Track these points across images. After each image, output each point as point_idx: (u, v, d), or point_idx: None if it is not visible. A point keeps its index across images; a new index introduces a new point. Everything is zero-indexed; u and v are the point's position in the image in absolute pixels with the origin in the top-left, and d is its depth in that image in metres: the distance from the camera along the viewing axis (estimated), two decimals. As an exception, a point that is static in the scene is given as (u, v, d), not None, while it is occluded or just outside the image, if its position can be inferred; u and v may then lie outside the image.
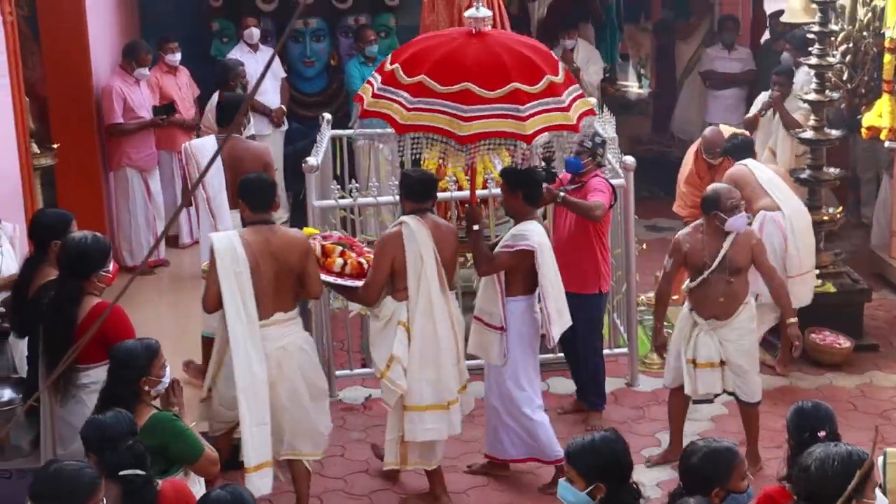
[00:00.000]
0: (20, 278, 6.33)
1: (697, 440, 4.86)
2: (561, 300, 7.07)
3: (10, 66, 7.65)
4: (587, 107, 6.86)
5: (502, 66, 6.42)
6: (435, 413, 6.78)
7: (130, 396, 5.21)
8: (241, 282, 6.26)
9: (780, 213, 8.26)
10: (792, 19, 9.94)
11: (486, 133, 6.36)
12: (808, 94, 8.85)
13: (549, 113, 6.47)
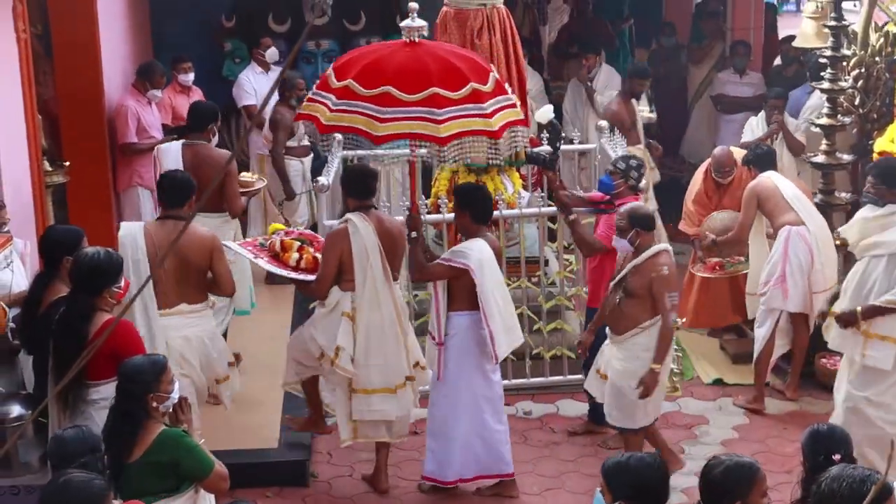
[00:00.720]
0: (31, 295, 6.32)
1: (720, 454, 4.82)
2: (510, 319, 7.14)
3: (23, 83, 7.67)
4: (516, 116, 7.07)
5: (425, 71, 6.77)
6: (382, 395, 7.08)
7: (139, 412, 5.21)
8: (138, 268, 6.65)
9: (805, 228, 8.19)
10: (804, 44, 9.95)
11: (399, 134, 6.75)
12: (820, 119, 8.83)
13: (467, 118, 6.78)
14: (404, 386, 7.13)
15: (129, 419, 5.21)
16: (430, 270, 7.10)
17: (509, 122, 6.99)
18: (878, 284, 7.04)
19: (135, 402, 5.22)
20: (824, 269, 8.22)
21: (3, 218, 6.75)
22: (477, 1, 8.39)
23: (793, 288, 8.19)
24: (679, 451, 7.77)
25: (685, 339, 9.46)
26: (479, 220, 7.16)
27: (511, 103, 7.09)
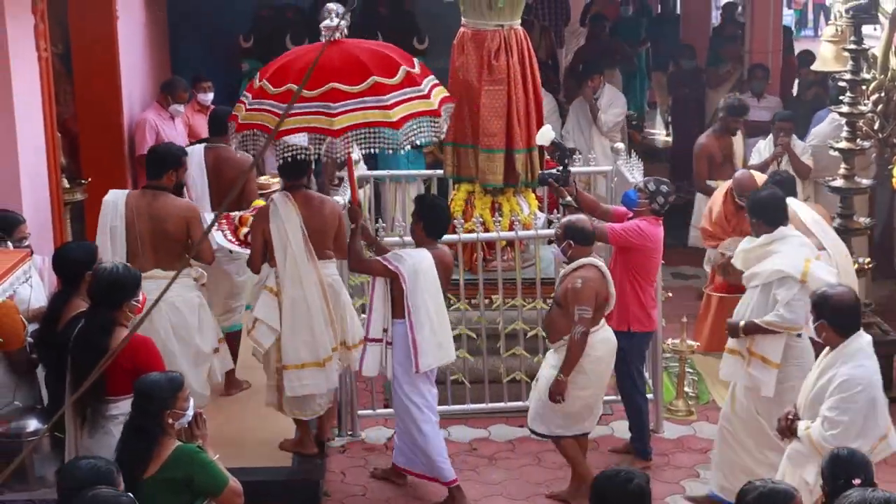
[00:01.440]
0: (50, 311, 6.36)
1: (756, 481, 4.78)
2: (443, 334, 7.23)
3: (44, 102, 7.72)
4: (425, 107, 7.14)
5: (361, 63, 6.94)
6: (311, 370, 7.30)
7: (155, 429, 5.22)
8: (114, 234, 7.20)
9: (826, 254, 8.13)
10: (823, 68, 9.94)
11: (356, 125, 6.82)
12: (839, 143, 8.82)
13: (411, 101, 6.98)
14: (331, 359, 7.35)
15: (144, 435, 5.22)
16: (365, 264, 7.29)
17: (415, 113, 7.04)
18: (755, 313, 6.98)
19: (150, 419, 5.23)
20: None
21: (23, 232, 6.79)
22: (494, 22, 8.42)
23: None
24: (694, 476, 7.75)
25: (701, 363, 9.44)
26: (431, 233, 7.33)
27: (420, 94, 7.10)
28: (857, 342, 5.92)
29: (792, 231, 7.19)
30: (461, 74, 8.57)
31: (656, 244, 7.74)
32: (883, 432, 5.84)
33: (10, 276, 5.61)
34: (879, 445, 5.84)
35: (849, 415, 5.74)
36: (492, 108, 8.46)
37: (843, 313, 5.95)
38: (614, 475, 4.76)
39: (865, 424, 5.74)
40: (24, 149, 7.28)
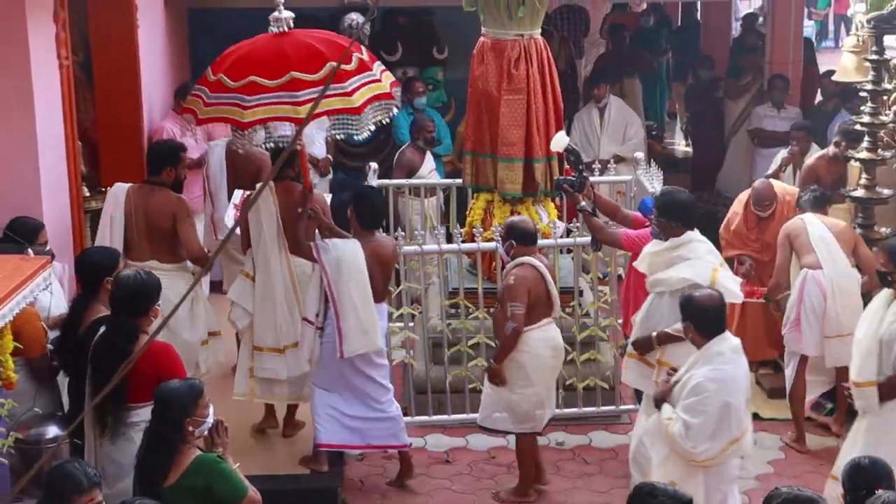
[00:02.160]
0: (70, 316, 6.38)
1: (782, 487, 4.75)
2: (368, 322, 7.30)
3: (65, 110, 7.75)
4: (380, 90, 7.45)
5: (285, 58, 7.20)
6: (272, 355, 7.62)
7: (175, 437, 5.22)
8: (113, 224, 7.53)
9: (821, 272, 8.14)
10: (844, 78, 9.89)
11: (264, 118, 7.25)
12: (860, 153, 8.78)
13: (328, 98, 7.09)
14: (294, 347, 7.59)
15: (164, 443, 5.22)
16: (302, 247, 7.48)
17: (373, 97, 7.38)
18: (665, 321, 6.89)
19: (171, 427, 5.23)
20: (839, 315, 8.06)
21: (43, 237, 6.81)
22: (514, 32, 8.43)
23: (807, 331, 8.15)
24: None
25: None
26: (365, 224, 7.49)
27: (375, 79, 7.40)
28: (718, 346, 6.04)
29: (698, 236, 7.12)
30: (481, 84, 8.58)
31: None
32: (736, 435, 5.97)
33: (30, 283, 5.61)
34: (731, 447, 6.00)
35: (700, 418, 5.90)
36: (511, 117, 8.46)
37: (706, 315, 6.08)
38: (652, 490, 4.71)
39: (718, 427, 5.89)
40: (44, 157, 7.30)
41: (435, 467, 7.99)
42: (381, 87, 7.44)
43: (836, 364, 8.15)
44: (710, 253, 7.08)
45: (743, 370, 6.14)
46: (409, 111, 11.30)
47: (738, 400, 6.01)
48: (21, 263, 5.72)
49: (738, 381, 6.04)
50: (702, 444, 5.90)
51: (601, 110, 11.90)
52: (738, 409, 6.00)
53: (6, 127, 7.08)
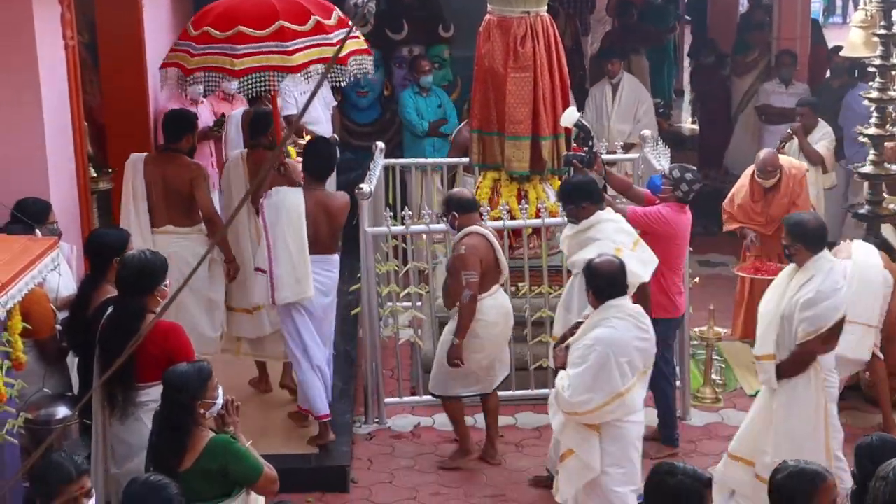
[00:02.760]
0: (79, 297, 6.38)
1: (788, 460, 4.76)
2: (301, 271, 7.37)
3: (70, 91, 7.74)
4: (360, 46, 7.91)
5: (272, 9, 7.46)
6: (240, 314, 8.05)
7: (188, 421, 5.22)
8: (136, 193, 7.79)
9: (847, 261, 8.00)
10: (852, 53, 9.85)
11: (257, 67, 7.35)
12: (868, 129, 8.75)
13: (317, 48, 7.45)
14: (260, 309, 7.92)
15: (178, 428, 5.22)
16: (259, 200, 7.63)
17: (356, 51, 7.80)
18: (578, 302, 7.02)
19: (183, 411, 5.23)
20: (860, 299, 7.76)
21: (52, 218, 6.81)
22: (520, 9, 8.39)
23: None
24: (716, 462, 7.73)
25: (728, 350, 9.41)
26: (312, 174, 7.62)
27: (355, 35, 7.92)
28: (611, 308, 6.15)
29: (610, 215, 7.25)
30: (487, 62, 8.55)
31: (679, 231, 7.67)
32: (619, 389, 6.03)
33: (38, 263, 5.62)
34: (615, 402, 6.05)
35: (579, 369, 6.04)
36: (518, 95, 8.43)
37: (602, 279, 6.21)
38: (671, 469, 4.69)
39: (597, 380, 6.00)
40: (51, 138, 7.30)
41: (444, 446, 8.00)
42: (359, 43, 7.92)
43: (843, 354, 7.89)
44: (620, 232, 7.18)
45: (635, 335, 6.16)
46: (415, 90, 11.28)
47: (622, 357, 6.06)
48: (29, 244, 5.72)
49: (625, 341, 6.10)
50: (580, 395, 6.01)
51: (614, 87, 11.87)
52: (622, 365, 6.05)
53: (12, 109, 7.07)
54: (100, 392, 5.82)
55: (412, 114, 11.08)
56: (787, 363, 6.57)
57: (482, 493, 7.47)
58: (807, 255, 6.58)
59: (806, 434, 6.51)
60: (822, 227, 6.71)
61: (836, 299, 6.54)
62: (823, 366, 6.58)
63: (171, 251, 7.29)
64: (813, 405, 6.54)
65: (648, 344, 6.23)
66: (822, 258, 6.61)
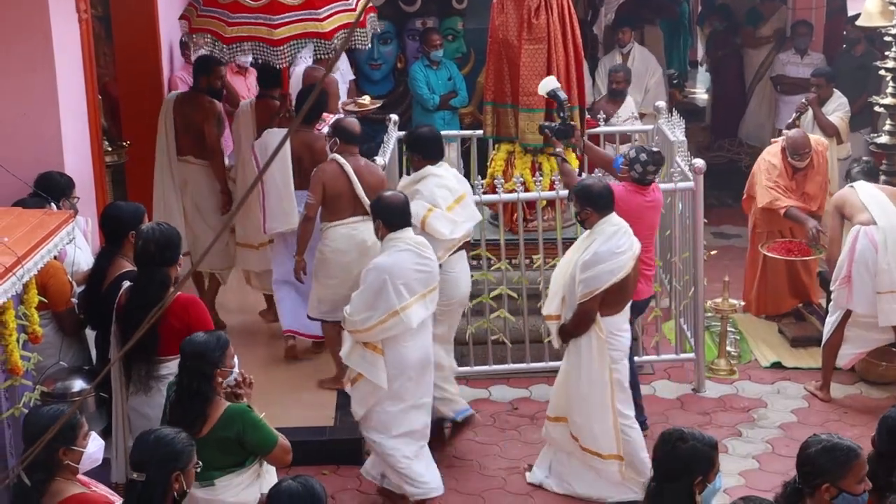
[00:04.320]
0: (95, 271, 6.39)
1: (821, 434, 4.77)
2: (288, 203, 8.17)
3: (84, 64, 7.72)
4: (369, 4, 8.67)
5: None
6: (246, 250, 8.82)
7: (208, 389, 5.26)
8: (166, 125, 8.72)
9: (874, 228, 7.99)
10: (868, 23, 9.80)
11: (294, 35, 7.86)
12: (884, 99, 8.70)
13: (342, 13, 8.05)
14: (265, 245, 8.61)
15: (198, 396, 5.25)
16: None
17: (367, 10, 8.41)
18: None
19: (204, 379, 5.26)
20: (891, 269, 7.92)
21: (73, 195, 6.81)
22: (534, -20, 8.34)
23: (859, 287, 7.99)
24: (736, 434, 7.74)
25: (742, 322, 9.41)
26: (304, 120, 8.23)
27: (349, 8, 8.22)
28: (392, 240, 6.61)
29: (438, 171, 7.32)
30: (501, 33, 8.52)
31: (631, 211, 7.33)
32: (395, 308, 6.47)
33: (54, 236, 5.63)
34: (392, 319, 6.51)
35: (359, 290, 6.60)
36: (532, 66, 8.40)
37: (388, 211, 6.63)
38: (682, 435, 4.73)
39: (375, 300, 6.49)
40: (65, 111, 7.28)
41: (500, 417, 8.02)
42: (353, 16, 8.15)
43: (891, 322, 7.99)
44: (441, 188, 7.27)
45: (414, 261, 6.58)
46: (426, 63, 11.24)
47: (398, 280, 6.51)
48: (45, 217, 5.74)
49: (401, 266, 6.54)
50: (360, 313, 6.52)
51: (624, 56, 11.81)
52: (398, 287, 6.49)
53: (27, 82, 7.06)
54: (123, 365, 5.84)
55: (423, 87, 11.03)
56: (569, 323, 6.88)
57: (496, 466, 7.49)
58: (596, 217, 6.85)
59: (593, 393, 6.86)
60: (606, 189, 6.94)
61: (612, 262, 6.74)
62: (606, 327, 6.82)
63: (189, 178, 8.76)
64: (597, 365, 6.83)
65: (428, 269, 6.66)
66: (607, 222, 6.84)
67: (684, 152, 8.69)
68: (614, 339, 6.88)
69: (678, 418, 7.95)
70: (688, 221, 8.38)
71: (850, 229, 8.14)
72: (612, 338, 6.87)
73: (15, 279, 5.14)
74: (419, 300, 6.58)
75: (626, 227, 6.91)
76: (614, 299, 6.81)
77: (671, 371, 8.65)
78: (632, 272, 6.82)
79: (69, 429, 4.84)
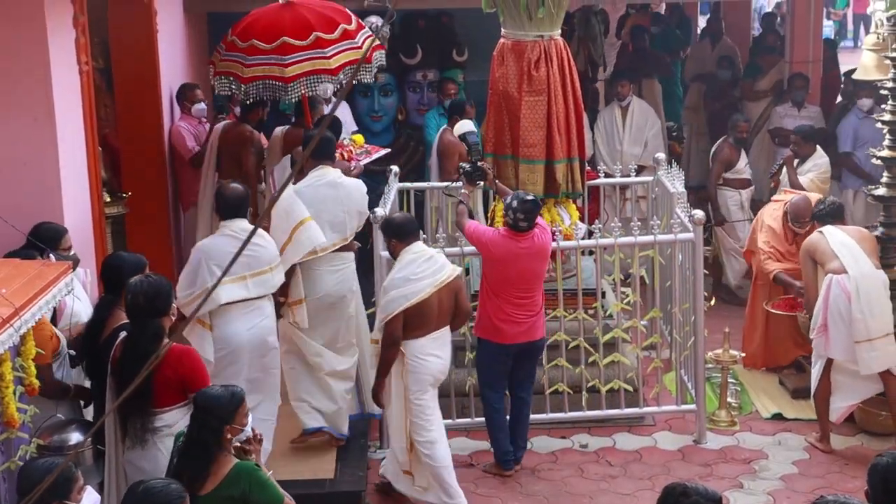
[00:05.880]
0: (93, 321, 6.33)
1: (828, 496, 4.72)
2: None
3: (85, 115, 7.75)
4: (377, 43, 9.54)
5: (307, 21, 8.90)
6: None
7: (214, 444, 5.19)
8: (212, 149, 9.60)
9: (846, 277, 8.05)
10: (864, 76, 9.84)
11: (304, 72, 8.78)
12: (881, 151, 8.72)
13: (348, 52, 8.95)
14: None
15: (203, 450, 5.19)
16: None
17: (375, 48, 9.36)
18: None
19: (211, 433, 5.20)
20: (865, 318, 7.97)
21: (66, 243, 6.80)
22: (534, 33, 8.39)
23: (835, 336, 8.06)
24: (738, 486, 7.69)
25: (744, 373, 9.38)
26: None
27: (355, 46, 9.08)
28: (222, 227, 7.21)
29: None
30: (501, 85, 8.55)
31: (505, 256, 7.53)
32: (206, 286, 6.98)
33: (52, 288, 5.62)
34: (202, 295, 6.91)
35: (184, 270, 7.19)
36: (532, 118, 8.43)
37: (224, 202, 7.27)
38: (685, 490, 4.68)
39: (194, 277, 7.07)
40: (65, 162, 7.30)
41: (459, 470, 7.94)
42: (359, 53, 9.02)
43: (871, 371, 8.03)
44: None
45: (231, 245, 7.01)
46: (441, 111, 11.29)
47: (212, 261, 7.03)
48: (43, 268, 5.73)
49: (217, 249, 7.09)
50: (183, 289, 7.04)
51: (623, 109, 11.86)
52: (212, 267, 7.02)
53: (27, 133, 7.08)
54: (118, 418, 5.79)
55: (435, 135, 11.04)
56: (379, 346, 7.24)
57: (497, 518, 7.44)
58: (401, 247, 7.26)
59: (395, 414, 7.30)
60: (407, 220, 7.47)
61: (405, 288, 7.10)
62: (409, 350, 7.15)
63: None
64: (400, 387, 7.23)
65: (253, 254, 7.14)
66: (408, 250, 7.23)
67: (684, 204, 8.70)
68: (417, 363, 7.17)
69: (679, 470, 7.91)
70: (688, 272, 8.38)
71: (823, 275, 8.19)
72: (415, 361, 7.17)
73: (12, 331, 5.12)
74: (237, 281, 7.09)
75: (430, 255, 7.29)
76: (415, 323, 7.13)
77: (672, 422, 8.61)
78: (433, 297, 7.13)
79: (64, 483, 4.80)
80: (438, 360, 7.28)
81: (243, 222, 7.23)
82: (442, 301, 7.21)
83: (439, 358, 7.29)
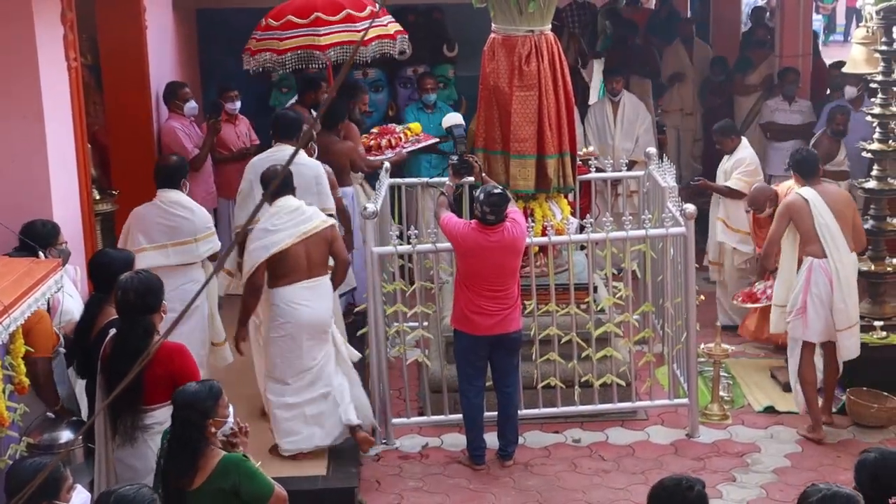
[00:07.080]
0: (84, 318, 6.32)
1: (819, 483, 4.75)
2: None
3: (74, 112, 7.73)
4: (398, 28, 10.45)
5: (338, 1, 10.00)
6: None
7: (200, 439, 5.19)
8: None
9: (827, 261, 8.06)
10: (854, 70, 9.84)
11: (336, 42, 9.77)
12: (870, 145, 8.73)
13: (376, 27, 10.01)
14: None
15: (189, 446, 5.19)
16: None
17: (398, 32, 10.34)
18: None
19: (194, 429, 5.20)
20: (847, 306, 8.05)
21: (62, 240, 6.77)
22: (525, 28, 8.38)
23: (814, 318, 8.09)
24: (730, 479, 7.69)
25: (735, 367, 9.37)
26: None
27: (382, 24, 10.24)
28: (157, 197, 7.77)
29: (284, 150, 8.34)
30: (492, 80, 8.53)
31: (471, 248, 7.54)
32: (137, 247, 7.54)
33: (41, 286, 5.59)
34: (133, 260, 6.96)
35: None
36: (523, 113, 8.41)
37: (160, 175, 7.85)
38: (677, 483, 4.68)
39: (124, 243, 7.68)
40: (54, 159, 7.28)
41: (451, 466, 7.96)
42: (386, 30, 10.20)
43: (851, 356, 8.14)
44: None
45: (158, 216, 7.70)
46: (419, 107, 11.27)
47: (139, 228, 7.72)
48: (32, 266, 5.70)
49: (145, 218, 7.72)
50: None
51: (615, 105, 11.85)
52: (139, 234, 7.68)
53: (16, 130, 7.05)
54: (109, 415, 5.77)
55: (414, 130, 11.03)
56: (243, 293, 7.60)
57: (490, 514, 7.43)
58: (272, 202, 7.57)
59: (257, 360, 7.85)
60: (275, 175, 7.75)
61: (266, 239, 7.40)
62: (279, 297, 7.46)
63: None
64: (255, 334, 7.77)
65: (173, 224, 7.70)
66: (275, 204, 7.53)
67: (675, 198, 8.69)
68: (287, 309, 7.44)
69: (672, 464, 7.90)
70: (679, 267, 8.37)
71: (796, 241, 8.17)
72: (285, 307, 7.44)
73: (1, 328, 5.09)
74: (158, 249, 7.64)
75: (295, 207, 7.55)
76: (281, 271, 7.43)
77: (664, 416, 8.60)
78: (298, 247, 7.42)
79: (52, 482, 4.78)
80: (309, 308, 7.47)
81: (173, 193, 7.77)
82: (310, 251, 7.49)
83: (310, 307, 7.47)
